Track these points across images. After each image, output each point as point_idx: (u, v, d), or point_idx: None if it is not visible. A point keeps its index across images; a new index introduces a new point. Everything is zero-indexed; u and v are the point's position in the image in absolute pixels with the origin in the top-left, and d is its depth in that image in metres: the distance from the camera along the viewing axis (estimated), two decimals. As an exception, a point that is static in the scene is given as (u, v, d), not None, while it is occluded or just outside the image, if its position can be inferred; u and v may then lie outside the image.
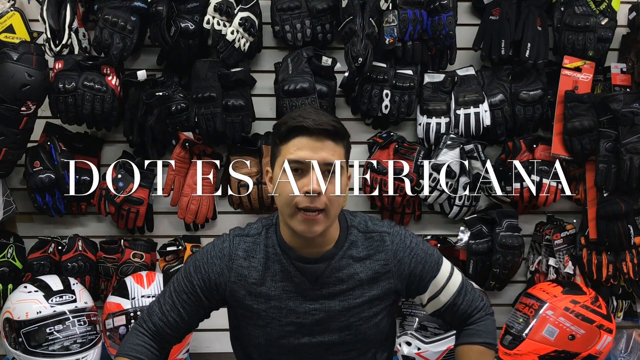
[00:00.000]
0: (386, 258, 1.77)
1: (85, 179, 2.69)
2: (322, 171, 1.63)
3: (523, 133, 2.76)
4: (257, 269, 1.74)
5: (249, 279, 1.74)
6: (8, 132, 2.43)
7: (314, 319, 1.73)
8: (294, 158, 1.63)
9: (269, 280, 1.73)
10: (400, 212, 2.80)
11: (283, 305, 1.73)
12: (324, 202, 1.62)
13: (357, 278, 1.74)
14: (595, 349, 2.47)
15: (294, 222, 1.64)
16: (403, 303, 2.58)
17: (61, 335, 2.37)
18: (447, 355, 2.48)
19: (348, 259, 1.74)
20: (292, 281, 1.73)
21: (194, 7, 2.61)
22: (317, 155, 1.63)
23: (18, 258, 2.67)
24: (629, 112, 2.59)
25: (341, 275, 1.73)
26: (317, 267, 1.72)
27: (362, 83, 2.70)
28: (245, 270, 1.74)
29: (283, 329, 1.74)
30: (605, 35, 2.67)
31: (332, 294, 1.73)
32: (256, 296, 1.73)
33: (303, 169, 1.63)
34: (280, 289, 1.73)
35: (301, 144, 1.63)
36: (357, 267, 1.75)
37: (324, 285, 1.73)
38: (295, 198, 1.62)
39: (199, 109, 2.61)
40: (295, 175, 1.63)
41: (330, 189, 1.64)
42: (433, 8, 2.63)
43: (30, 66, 2.40)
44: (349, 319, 1.73)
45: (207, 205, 2.71)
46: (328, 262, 1.72)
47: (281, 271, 1.73)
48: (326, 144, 1.64)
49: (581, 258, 2.72)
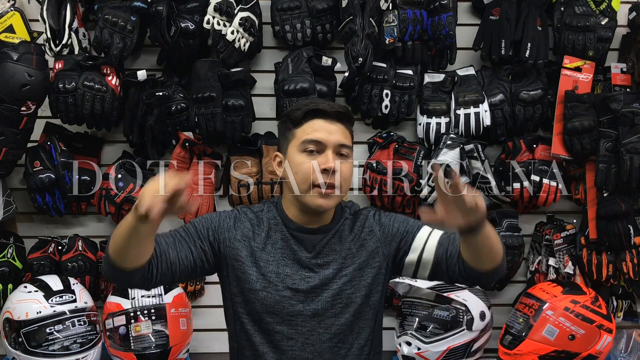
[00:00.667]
0: (370, 225, 1.90)
1: (86, 179, 2.70)
2: (336, 152, 1.79)
3: (523, 133, 2.76)
4: (260, 235, 1.85)
5: (252, 241, 1.83)
6: (8, 132, 2.43)
7: (309, 285, 1.82)
8: (312, 138, 1.77)
9: (269, 246, 1.83)
10: (400, 212, 2.80)
11: (281, 270, 1.82)
12: (338, 180, 1.77)
13: (348, 247, 1.86)
14: (595, 349, 2.47)
15: (309, 197, 1.78)
16: (403, 303, 2.58)
17: (61, 335, 2.37)
18: (447, 355, 2.49)
19: (341, 233, 1.87)
20: (291, 249, 1.83)
21: (194, 7, 2.62)
22: (332, 137, 1.78)
23: (18, 258, 2.67)
24: (629, 112, 2.59)
25: (335, 247, 1.85)
26: (314, 237, 1.84)
27: (362, 83, 2.70)
28: (250, 233, 1.85)
29: (279, 294, 1.79)
30: (605, 35, 2.67)
31: (327, 263, 1.84)
32: (256, 259, 1.82)
33: (318, 149, 1.78)
34: (279, 254, 1.83)
35: (317, 125, 1.78)
36: (349, 239, 1.87)
37: (320, 254, 1.84)
38: (313, 175, 1.76)
39: (199, 109, 2.61)
40: (310, 155, 1.78)
41: (343, 168, 1.79)
42: (433, 8, 2.63)
43: (30, 66, 2.40)
44: (341, 286, 1.83)
45: (207, 205, 2.71)
46: (325, 234, 1.85)
47: (281, 239, 1.84)
48: (339, 127, 1.81)
49: (581, 258, 2.72)
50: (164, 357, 2.42)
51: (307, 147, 1.78)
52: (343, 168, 1.80)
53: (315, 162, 1.77)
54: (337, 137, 1.79)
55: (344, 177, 1.80)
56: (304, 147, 1.78)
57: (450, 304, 2.50)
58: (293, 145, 1.81)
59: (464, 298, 2.50)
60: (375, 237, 1.89)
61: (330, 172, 1.76)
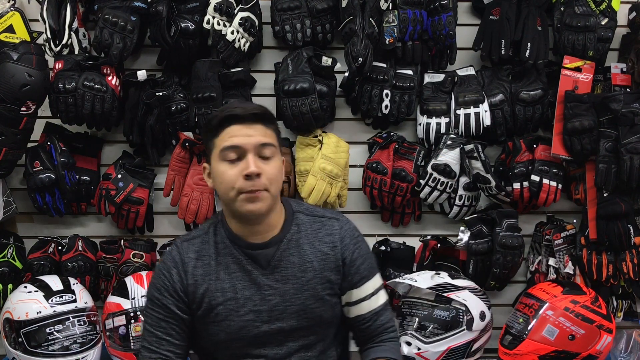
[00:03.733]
0: (334, 241, 1.82)
1: (86, 179, 2.70)
2: (258, 154, 1.71)
3: (523, 133, 2.76)
4: (210, 265, 1.78)
5: (205, 276, 1.77)
6: (8, 132, 2.43)
7: (271, 304, 1.76)
8: (229, 144, 1.70)
9: (222, 273, 1.77)
10: (400, 212, 2.81)
11: (239, 295, 1.76)
12: (263, 183, 1.69)
13: (308, 260, 1.79)
14: (595, 349, 2.47)
15: (238, 204, 1.70)
16: (403, 303, 2.58)
17: (61, 335, 2.37)
18: (447, 355, 2.48)
19: (296, 242, 1.80)
20: (245, 269, 1.77)
21: (194, 7, 2.61)
22: (250, 139, 1.70)
23: (18, 258, 2.67)
24: (629, 112, 2.59)
25: (291, 258, 1.78)
26: (266, 252, 1.77)
27: (362, 83, 2.70)
28: (200, 270, 1.78)
29: (242, 319, 1.75)
30: (605, 35, 2.67)
31: (285, 277, 1.77)
32: (213, 291, 1.76)
33: (239, 155, 1.70)
34: (234, 279, 1.77)
35: (233, 131, 1.71)
36: (306, 249, 1.80)
37: (276, 269, 1.77)
38: (237, 183, 1.69)
39: (199, 109, 2.61)
40: (232, 164, 1.70)
41: (268, 169, 1.71)
42: (433, 8, 2.63)
43: (30, 66, 2.40)
44: (304, 301, 1.77)
45: (207, 205, 2.71)
46: (277, 246, 1.78)
47: (233, 262, 1.77)
48: (257, 128, 1.72)
49: (581, 258, 2.72)
50: (164, 357, 2.42)
51: (226, 155, 1.71)
52: (267, 169, 1.71)
53: (237, 169, 1.69)
54: (256, 139, 1.71)
55: (270, 178, 1.71)
56: (223, 155, 1.71)
57: (450, 304, 2.50)
58: (214, 156, 1.73)
59: (464, 298, 2.50)
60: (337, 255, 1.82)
61: (254, 176, 1.68)
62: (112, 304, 2.48)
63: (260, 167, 1.69)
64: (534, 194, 2.70)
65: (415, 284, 2.52)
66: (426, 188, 2.70)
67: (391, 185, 2.68)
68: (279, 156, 1.77)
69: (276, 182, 1.74)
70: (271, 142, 1.74)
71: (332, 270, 1.81)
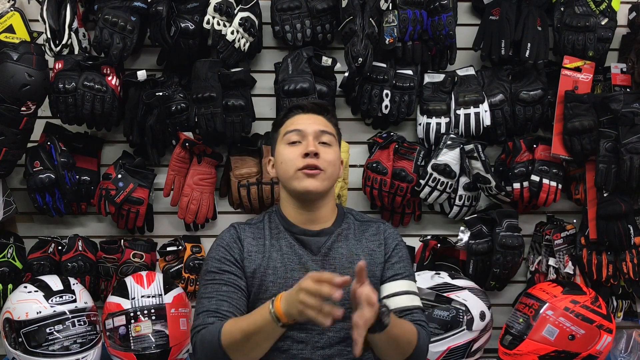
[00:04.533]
0: (379, 239, 1.96)
1: (86, 179, 2.70)
2: (317, 139, 1.87)
3: (523, 133, 2.76)
4: (264, 245, 1.89)
5: (259, 254, 1.88)
6: (8, 132, 2.43)
7: None
8: (292, 128, 1.88)
9: (274, 253, 1.88)
10: (400, 212, 2.80)
11: (289, 275, 1.85)
12: (321, 162, 1.84)
13: (355, 253, 1.90)
14: (595, 349, 2.47)
15: (296, 182, 1.85)
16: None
17: (61, 335, 2.37)
18: (447, 355, 2.48)
19: (345, 236, 1.92)
20: (296, 253, 1.88)
21: (194, 7, 2.61)
22: (311, 125, 1.89)
23: (18, 258, 2.67)
24: (629, 112, 2.59)
25: (340, 250, 1.89)
26: (318, 239, 1.89)
27: (362, 83, 2.70)
28: (254, 247, 1.89)
29: None
30: (605, 35, 2.67)
31: (333, 266, 1.87)
32: (265, 268, 1.86)
33: (300, 139, 1.87)
34: (285, 260, 1.87)
35: (297, 119, 1.92)
36: (355, 243, 1.92)
37: (325, 257, 1.88)
38: (296, 161, 1.84)
39: (199, 109, 2.61)
40: (294, 145, 1.87)
41: (326, 152, 1.87)
42: (433, 8, 2.63)
43: (30, 66, 2.40)
44: (349, 291, 1.79)
45: (207, 205, 2.71)
46: (328, 236, 1.90)
47: (285, 245, 1.89)
48: (318, 117, 1.92)
49: (581, 258, 2.72)
50: (164, 357, 2.42)
51: (289, 138, 1.87)
52: (326, 152, 1.86)
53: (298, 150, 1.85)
54: (317, 126, 1.89)
55: (327, 159, 1.86)
56: (287, 139, 1.88)
57: (450, 304, 2.50)
58: (279, 143, 1.91)
59: (464, 298, 2.50)
60: (382, 252, 1.93)
61: (312, 154, 1.83)
62: (112, 304, 2.48)
63: (319, 148, 1.85)
64: (534, 194, 2.70)
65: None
66: (426, 188, 2.70)
67: (391, 185, 2.68)
68: (337, 147, 1.93)
69: (332, 167, 1.88)
70: (330, 131, 1.91)
71: (377, 266, 1.92)
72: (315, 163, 1.84)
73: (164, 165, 2.75)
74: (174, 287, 2.53)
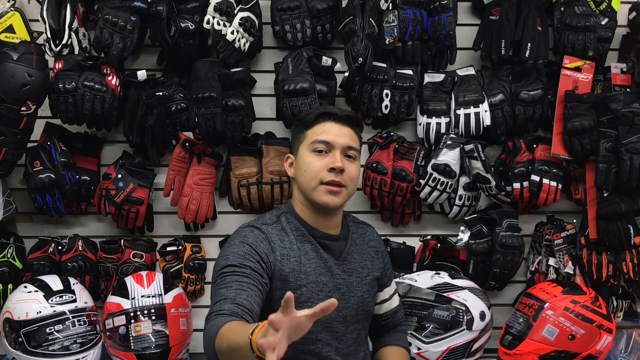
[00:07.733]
0: (375, 245, 2.09)
1: (86, 179, 2.70)
2: (344, 153, 1.91)
3: (523, 133, 2.76)
4: (292, 249, 1.91)
5: (290, 257, 1.90)
6: (8, 132, 2.43)
7: (340, 292, 1.93)
8: (321, 139, 1.90)
9: (303, 258, 1.91)
10: (400, 212, 2.80)
11: (318, 279, 1.90)
12: (345, 179, 1.89)
13: (364, 257, 2.00)
14: (595, 349, 2.47)
15: (317, 193, 1.88)
16: (403, 303, 2.57)
17: (61, 335, 2.37)
18: (447, 355, 2.48)
19: (354, 241, 2.00)
20: (322, 257, 1.92)
21: (194, 7, 2.61)
22: (340, 139, 1.91)
23: (18, 258, 2.67)
24: (629, 112, 2.59)
25: (354, 254, 1.98)
26: (338, 244, 1.97)
27: (362, 83, 2.70)
28: (286, 250, 1.91)
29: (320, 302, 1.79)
30: (605, 35, 2.67)
31: (350, 270, 1.95)
32: (298, 273, 1.89)
33: (327, 150, 1.90)
34: (314, 265, 1.91)
35: (327, 127, 1.93)
36: (362, 248, 2.02)
37: (345, 261, 1.95)
38: (321, 173, 1.87)
39: (199, 109, 2.61)
40: (320, 155, 1.90)
41: (350, 168, 1.91)
42: (433, 8, 2.63)
43: (30, 66, 2.40)
44: (363, 294, 1.96)
45: (207, 205, 2.71)
46: (345, 241, 1.97)
47: (311, 249, 1.92)
48: (348, 130, 1.95)
49: (581, 258, 2.72)
50: (164, 357, 2.42)
51: (316, 147, 1.89)
52: (350, 168, 1.90)
53: (323, 162, 1.88)
54: (345, 140, 1.91)
55: (350, 176, 1.90)
56: (313, 147, 1.89)
57: (450, 304, 2.50)
58: (304, 146, 1.92)
59: (464, 298, 2.50)
60: (379, 259, 2.06)
61: (338, 170, 1.86)
62: (112, 304, 2.48)
63: (345, 164, 1.89)
64: (534, 194, 2.70)
65: (415, 284, 2.52)
66: (426, 188, 2.70)
67: (391, 185, 2.68)
68: (359, 161, 2.00)
69: (353, 183, 1.95)
70: (357, 147, 1.97)
71: (379, 270, 2.03)
72: (339, 180, 1.88)
73: (164, 165, 2.75)
74: (174, 287, 2.53)
